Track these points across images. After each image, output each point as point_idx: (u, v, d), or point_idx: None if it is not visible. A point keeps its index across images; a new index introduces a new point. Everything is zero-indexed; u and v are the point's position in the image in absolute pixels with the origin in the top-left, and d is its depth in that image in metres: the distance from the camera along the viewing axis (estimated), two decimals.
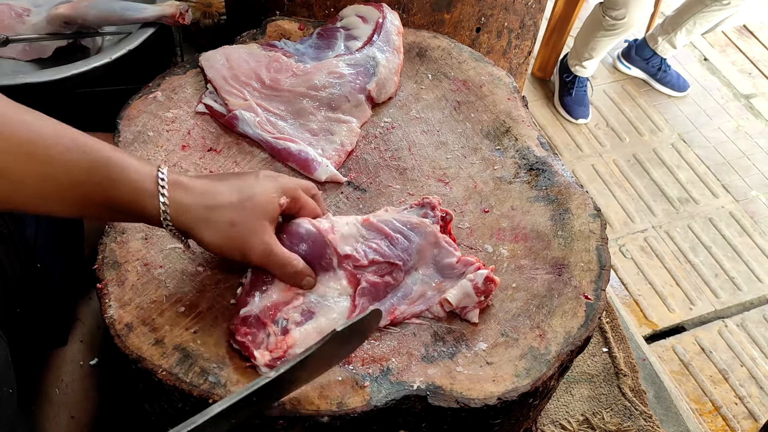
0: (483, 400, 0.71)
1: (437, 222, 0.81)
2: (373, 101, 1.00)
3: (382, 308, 0.77)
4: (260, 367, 0.71)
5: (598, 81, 2.90)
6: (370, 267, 0.78)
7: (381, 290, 0.78)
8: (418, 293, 0.79)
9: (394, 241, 0.79)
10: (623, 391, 1.07)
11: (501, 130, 0.99)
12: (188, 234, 0.69)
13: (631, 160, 2.63)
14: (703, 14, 2.65)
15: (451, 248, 0.80)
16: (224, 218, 0.69)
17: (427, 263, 0.80)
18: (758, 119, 2.83)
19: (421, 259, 0.80)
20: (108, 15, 1.22)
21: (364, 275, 0.77)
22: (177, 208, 0.67)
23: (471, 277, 0.78)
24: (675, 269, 2.28)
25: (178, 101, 0.97)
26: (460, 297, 0.77)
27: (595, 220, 0.87)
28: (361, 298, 0.77)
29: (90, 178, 0.62)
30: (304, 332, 0.73)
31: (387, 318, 0.77)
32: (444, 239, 0.80)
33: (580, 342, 0.77)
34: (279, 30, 1.09)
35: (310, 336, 0.73)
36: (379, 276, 0.78)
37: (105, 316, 0.74)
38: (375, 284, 0.77)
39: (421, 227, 0.80)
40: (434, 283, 0.79)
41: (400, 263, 0.79)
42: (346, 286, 0.77)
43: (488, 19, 1.28)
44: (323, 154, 0.92)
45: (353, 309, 0.76)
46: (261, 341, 0.72)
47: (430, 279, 0.79)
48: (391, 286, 0.78)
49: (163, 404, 0.75)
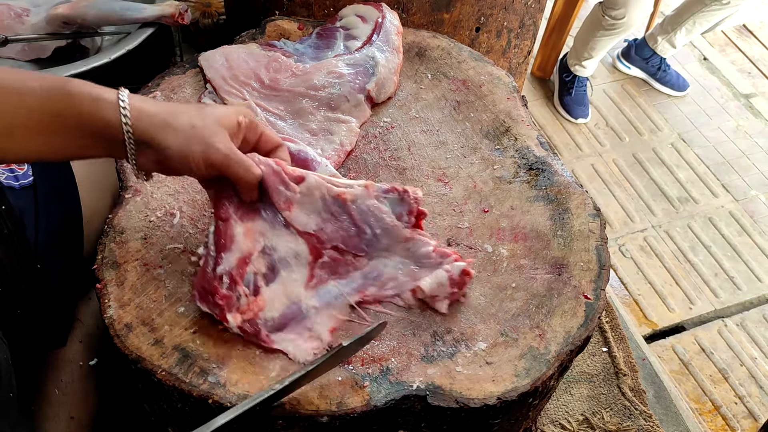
0: (482, 399, 0.71)
1: (409, 225, 0.80)
2: (373, 101, 1.00)
3: (352, 287, 0.78)
4: (232, 328, 0.72)
5: (598, 80, 2.90)
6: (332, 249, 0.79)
7: (341, 266, 0.79)
8: (388, 275, 0.79)
9: (363, 234, 0.79)
10: (623, 390, 1.07)
11: (500, 129, 0.99)
12: (150, 142, 0.68)
13: (631, 159, 2.63)
14: (703, 14, 2.65)
15: (425, 239, 0.80)
16: (185, 121, 0.69)
17: (399, 253, 0.80)
18: (758, 119, 2.83)
19: (390, 251, 0.80)
20: (107, 15, 1.22)
21: (327, 251, 0.78)
22: (138, 114, 0.67)
23: (448, 268, 0.78)
24: (675, 269, 2.28)
25: (177, 101, 0.97)
26: (434, 286, 0.78)
27: (595, 219, 0.87)
28: (320, 270, 0.78)
29: (51, 97, 0.64)
30: (272, 292, 0.75)
31: (357, 296, 0.78)
32: (416, 232, 0.80)
33: (579, 342, 0.77)
34: (278, 30, 1.09)
35: (278, 297, 0.75)
36: (341, 253, 0.79)
37: (104, 316, 0.74)
38: (336, 260, 0.79)
39: (394, 231, 0.79)
40: (408, 270, 0.80)
41: (363, 255, 0.79)
42: (304, 251, 0.78)
43: (488, 19, 1.28)
44: (323, 153, 0.92)
45: (310, 279, 0.77)
46: (233, 303, 0.73)
47: (404, 266, 0.80)
48: (352, 266, 0.79)
49: (163, 404, 0.75)
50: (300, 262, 0.77)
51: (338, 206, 0.78)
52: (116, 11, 1.22)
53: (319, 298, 0.77)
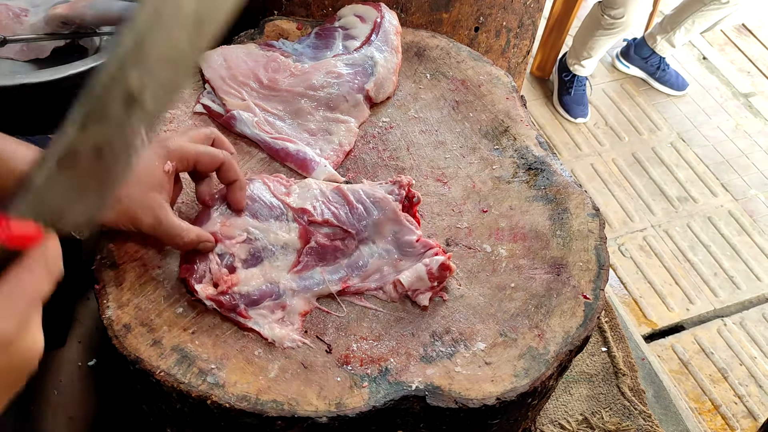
0: (481, 400, 0.71)
1: (400, 200, 0.83)
2: (372, 101, 0.99)
3: (336, 276, 0.79)
4: (204, 300, 0.74)
5: (597, 80, 2.90)
6: (323, 228, 0.80)
7: (329, 254, 0.80)
8: (374, 267, 0.80)
9: (354, 209, 0.81)
10: (622, 390, 1.07)
11: (500, 129, 0.99)
12: None
13: (630, 159, 2.63)
14: (702, 13, 2.66)
15: (412, 227, 0.82)
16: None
17: (385, 238, 0.82)
18: (757, 118, 2.83)
19: (378, 233, 0.82)
20: (106, 15, 1.22)
21: (315, 235, 0.79)
22: None
23: (426, 262, 0.79)
24: (674, 268, 2.28)
25: (175, 102, 0.97)
26: (413, 280, 0.78)
27: (594, 219, 0.87)
28: (307, 257, 0.79)
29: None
30: (249, 273, 0.76)
31: (339, 285, 0.79)
32: (405, 217, 0.82)
33: (578, 342, 0.77)
34: (277, 30, 1.09)
35: (256, 277, 0.76)
36: (329, 239, 0.80)
37: (103, 316, 0.74)
38: (324, 246, 0.79)
39: (383, 202, 0.82)
40: (392, 259, 0.81)
41: (353, 231, 0.80)
42: (295, 240, 0.79)
43: (487, 19, 1.27)
44: (321, 153, 0.92)
45: (296, 264, 0.78)
46: (203, 274, 0.75)
47: (389, 254, 0.81)
48: (340, 252, 0.80)
49: (162, 405, 0.75)
50: (287, 251, 0.79)
51: (334, 192, 0.82)
52: (115, 11, 1.21)
53: (300, 282, 0.78)
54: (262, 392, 0.69)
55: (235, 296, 0.74)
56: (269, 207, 0.80)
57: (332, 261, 0.80)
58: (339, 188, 0.83)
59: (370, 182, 0.86)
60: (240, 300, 0.75)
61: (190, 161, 0.75)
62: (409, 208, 0.84)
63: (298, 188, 0.83)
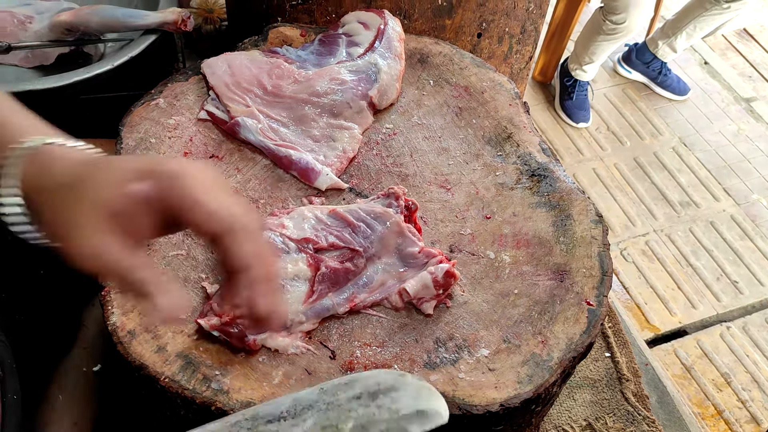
0: (485, 406, 0.71)
1: (401, 212, 0.83)
2: (375, 107, 1.00)
3: (342, 297, 0.78)
4: (205, 326, 0.73)
5: (599, 85, 2.91)
6: (330, 252, 0.79)
7: (341, 277, 0.79)
8: (378, 282, 0.80)
9: (356, 229, 0.81)
10: (626, 395, 1.07)
11: (503, 136, 0.99)
12: None
13: (632, 163, 2.63)
14: (704, 18, 2.66)
15: (414, 238, 0.82)
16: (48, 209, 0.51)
17: (390, 252, 0.81)
18: (759, 122, 2.83)
19: (384, 247, 0.81)
20: (110, 22, 1.23)
21: (324, 261, 0.78)
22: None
23: (432, 270, 0.78)
24: (676, 273, 2.28)
25: (180, 108, 0.97)
26: (419, 288, 0.78)
27: (597, 226, 0.88)
28: (320, 285, 0.77)
29: None
30: None
31: (346, 306, 0.78)
32: (408, 228, 0.82)
33: (582, 348, 0.77)
34: (281, 36, 1.09)
35: None
36: (339, 262, 0.79)
37: (108, 323, 0.74)
38: (335, 270, 0.78)
39: (385, 216, 0.82)
40: (396, 272, 0.80)
41: (361, 249, 0.80)
42: (304, 270, 0.78)
43: (489, 25, 1.28)
44: (325, 160, 0.92)
45: (310, 294, 0.77)
46: (203, 312, 0.74)
47: (392, 268, 0.81)
48: (352, 273, 0.79)
49: (166, 411, 0.75)
50: (298, 281, 0.78)
51: (332, 217, 0.82)
52: (119, 18, 1.22)
53: (311, 312, 0.77)
54: (266, 398, 0.69)
55: (241, 328, 0.73)
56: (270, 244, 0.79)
57: (344, 284, 0.79)
58: (335, 211, 0.82)
59: (363, 200, 0.86)
60: (248, 330, 0.74)
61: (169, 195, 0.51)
62: (409, 217, 0.84)
63: (291, 220, 0.81)
